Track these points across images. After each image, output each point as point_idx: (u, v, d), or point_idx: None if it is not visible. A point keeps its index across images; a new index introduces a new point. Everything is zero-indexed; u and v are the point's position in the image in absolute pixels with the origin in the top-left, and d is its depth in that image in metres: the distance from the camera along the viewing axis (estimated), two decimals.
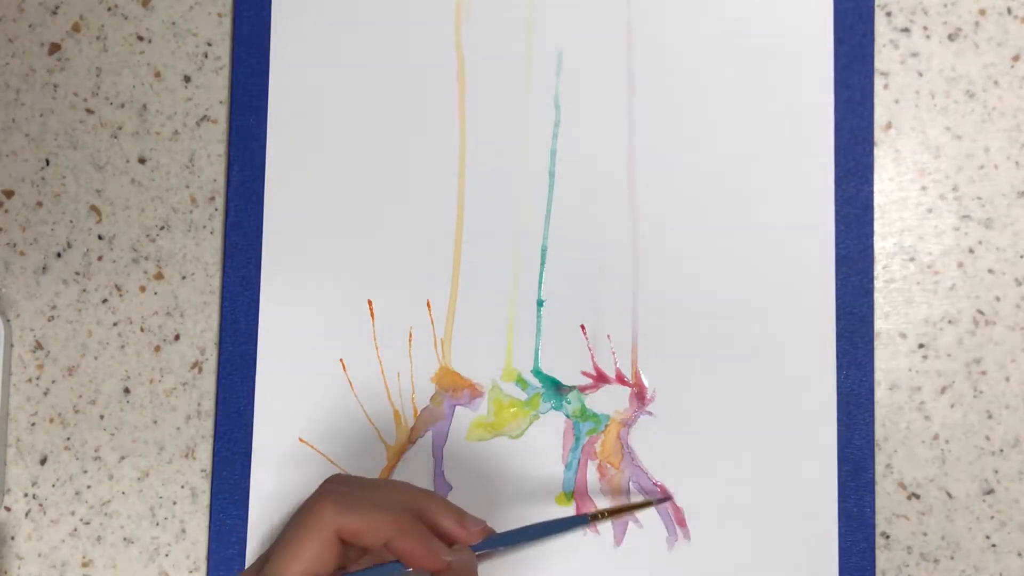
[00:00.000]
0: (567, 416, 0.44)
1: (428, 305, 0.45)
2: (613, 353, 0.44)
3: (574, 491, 0.44)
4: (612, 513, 0.41)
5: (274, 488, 0.44)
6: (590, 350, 0.44)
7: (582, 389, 0.44)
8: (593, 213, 0.45)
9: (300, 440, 0.45)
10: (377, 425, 0.45)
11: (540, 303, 0.45)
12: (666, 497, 0.43)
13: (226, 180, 0.46)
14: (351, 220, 0.45)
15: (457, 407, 0.45)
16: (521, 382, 0.44)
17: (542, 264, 0.45)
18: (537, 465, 0.44)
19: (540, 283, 0.45)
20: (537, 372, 0.44)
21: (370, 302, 0.45)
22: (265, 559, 0.35)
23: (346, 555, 0.36)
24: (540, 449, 0.44)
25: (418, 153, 0.45)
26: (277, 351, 0.45)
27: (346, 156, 0.46)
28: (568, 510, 0.44)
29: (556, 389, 0.44)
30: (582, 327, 0.44)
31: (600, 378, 0.44)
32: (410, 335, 0.45)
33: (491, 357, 0.45)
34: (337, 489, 0.35)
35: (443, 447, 0.44)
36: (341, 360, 0.45)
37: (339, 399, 0.45)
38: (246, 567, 0.44)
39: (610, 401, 0.44)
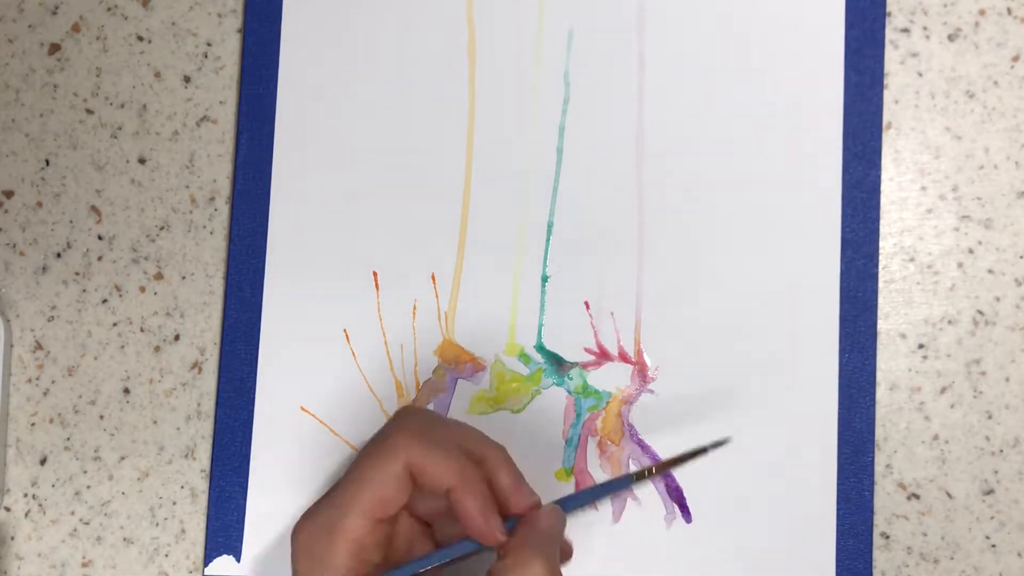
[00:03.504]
0: (569, 392, 0.44)
1: (433, 278, 0.45)
2: (616, 330, 0.44)
3: (574, 466, 0.44)
4: (664, 467, 0.39)
5: (275, 461, 0.44)
6: (593, 327, 0.44)
7: (584, 366, 0.44)
8: (600, 190, 0.45)
9: (301, 409, 0.45)
10: (379, 396, 0.45)
11: (545, 279, 0.45)
12: (722, 441, 0.39)
13: (234, 149, 0.46)
14: (358, 192, 0.45)
15: (459, 380, 0.45)
16: (524, 357, 0.45)
17: (547, 240, 0.45)
18: (538, 440, 0.44)
19: (545, 259, 0.45)
20: (540, 348, 0.45)
21: (375, 274, 0.45)
22: (336, 488, 0.34)
23: (414, 500, 0.35)
24: (541, 424, 0.44)
25: (427, 126, 0.46)
26: (281, 320, 0.45)
27: (355, 127, 0.46)
28: (567, 486, 0.44)
29: (558, 365, 0.44)
30: (586, 304, 0.45)
31: (603, 355, 0.44)
32: (414, 307, 0.45)
33: (494, 331, 0.45)
34: (412, 423, 0.35)
35: None
36: (345, 331, 0.45)
37: (342, 369, 0.45)
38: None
39: (612, 378, 0.44)
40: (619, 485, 0.39)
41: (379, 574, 0.35)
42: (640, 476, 0.38)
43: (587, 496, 0.38)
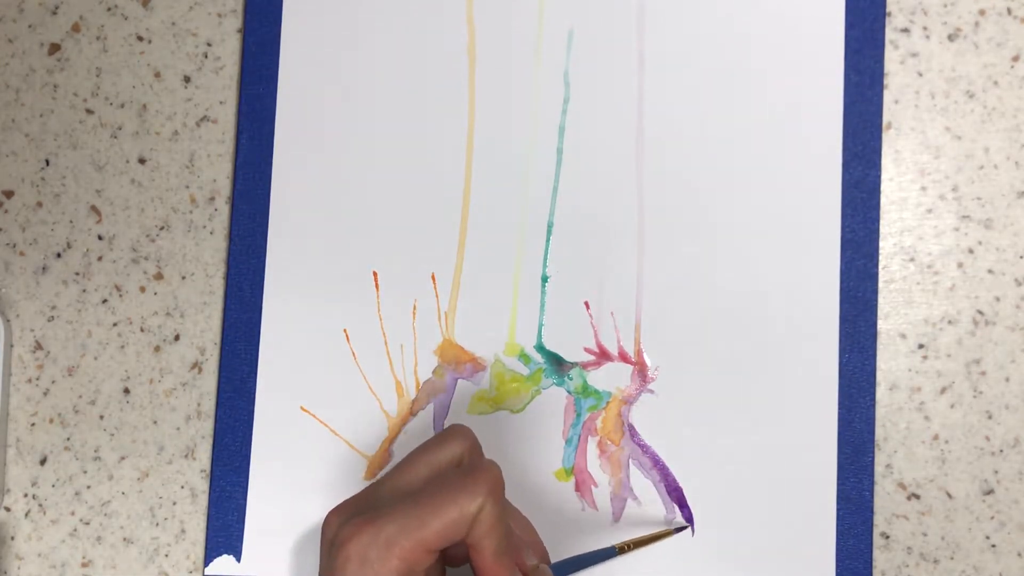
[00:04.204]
0: (569, 392, 0.44)
1: (433, 278, 0.45)
2: (616, 330, 0.44)
3: (574, 466, 0.44)
4: (637, 544, 0.42)
5: (275, 461, 0.44)
6: (593, 327, 0.44)
7: (584, 366, 0.44)
8: (600, 190, 0.45)
9: (301, 409, 0.45)
10: (379, 396, 0.45)
11: (545, 279, 0.45)
12: (685, 526, 0.43)
13: (234, 150, 0.46)
14: (358, 192, 0.45)
15: (459, 380, 0.45)
16: (524, 357, 0.45)
17: (547, 240, 0.45)
18: (537, 440, 0.44)
19: (545, 259, 0.45)
20: (540, 347, 0.45)
21: (375, 274, 0.45)
22: (405, 505, 0.35)
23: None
24: (541, 424, 0.44)
25: (427, 126, 0.46)
26: (281, 320, 0.45)
27: (354, 127, 0.46)
28: (567, 485, 0.44)
29: (558, 365, 0.44)
30: (586, 304, 0.45)
31: (603, 355, 0.44)
32: (414, 307, 0.45)
33: (494, 331, 0.45)
34: (498, 475, 0.36)
35: (444, 420, 0.44)
36: (345, 331, 0.45)
37: (342, 369, 0.45)
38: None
39: (612, 378, 0.44)
40: (602, 556, 0.42)
41: None
42: (622, 549, 0.42)
43: (571, 565, 0.41)
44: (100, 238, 0.46)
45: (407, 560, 0.34)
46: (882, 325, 0.44)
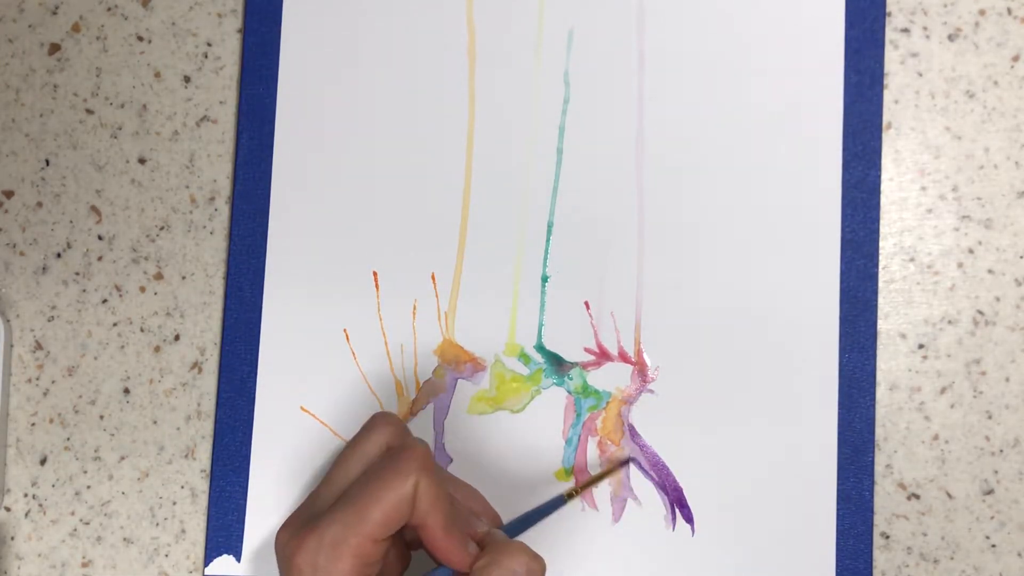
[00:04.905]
0: (569, 392, 0.44)
1: (433, 278, 0.45)
2: (616, 330, 0.44)
3: (574, 466, 0.44)
4: (585, 486, 0.42)
5: (275, 461, 0.44)
6: (593, 327, 0.44)
7: (584, 366, 0.44)
8: (600, 190, 0.45)
9: (301, 409, 0.45)
10: (379, 396, 0.45)
11: (545, 279, 0.45)
12: (627, 460, 0.43)
13: (234, 150, 0.46)
14: (358, 192, 0.45)
15: (459, 380, 0.45)
16: (524, 357, 0.45)
17: (548, 240, 0.45)
18: (537, 440, 0.44)
19: (545, 259, 0.45)
20: (540, 347, 0.45)
21: (375, 274, 0.45)
22: (342, 505, 0.35)
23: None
24: (541, 424, 0.44)
25: (427, 127, 0.46)
26: (281, 320, 0.45)
27: (354, 128, 0.46)
28: (568, 485, 0.44)
29: (558, 365, 0.44)
30: (586, 304, 0.45)
31: (603, 355, 0.44)
32: (414, 307, 0.45)
33: (494, 331, 0.45)
34: (425, 453, 0.36)
35: (444, 420, 0.44)
36: (345, 331, 0.45)
37: (342, 369, 0.45)
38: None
39: (612, 378, 0.44)
40: (552, 507, 0.41)
41: None
42: (571, 495, 0.42)
43: (523, 523, 0.40)
44: (100, 238, 0.46)
45: (359, 556, 0.34)
46: (882, 325, 0.44)
